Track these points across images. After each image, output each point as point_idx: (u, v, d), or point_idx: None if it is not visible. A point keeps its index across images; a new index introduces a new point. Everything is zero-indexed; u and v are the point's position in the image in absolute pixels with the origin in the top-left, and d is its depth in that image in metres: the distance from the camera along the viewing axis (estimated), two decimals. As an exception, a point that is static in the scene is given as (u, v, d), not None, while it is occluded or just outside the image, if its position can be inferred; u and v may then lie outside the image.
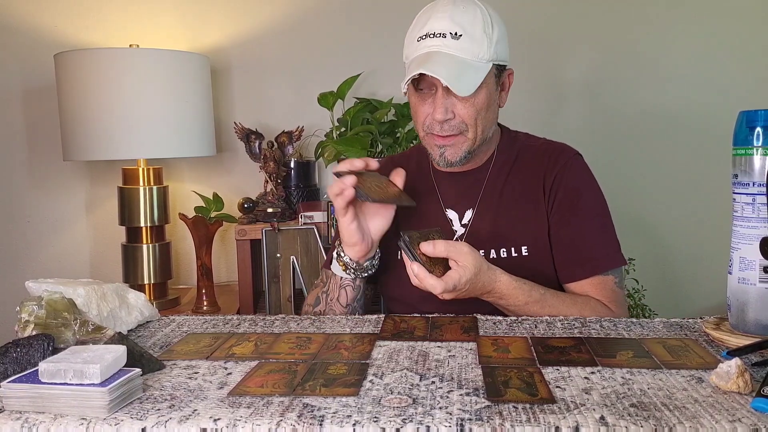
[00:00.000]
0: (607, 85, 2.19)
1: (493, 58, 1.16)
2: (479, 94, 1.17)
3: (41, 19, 2.14)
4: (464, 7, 1.16)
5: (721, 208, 1.46)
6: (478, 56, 1.14)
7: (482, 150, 1.27)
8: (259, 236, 1.81)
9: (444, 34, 1.13)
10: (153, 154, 1.82)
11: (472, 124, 1.19)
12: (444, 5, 1.16)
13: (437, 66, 1.12)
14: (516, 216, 1.25)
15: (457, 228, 1.28)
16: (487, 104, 1.19)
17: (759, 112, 0.88)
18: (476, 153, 1.24)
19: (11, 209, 2.21)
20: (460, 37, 1.13)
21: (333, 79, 1.99)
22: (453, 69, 1.12)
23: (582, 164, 1.28)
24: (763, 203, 0.88)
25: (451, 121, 1.18)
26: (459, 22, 1.14)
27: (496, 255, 1.23)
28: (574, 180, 1.25)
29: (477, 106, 1.17)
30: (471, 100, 1.16)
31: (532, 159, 1.28)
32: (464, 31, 1.13)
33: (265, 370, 0.86)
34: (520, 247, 1.23)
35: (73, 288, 0.99)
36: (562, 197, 1.23)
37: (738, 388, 0.75)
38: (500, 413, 0.70)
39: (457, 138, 1.20)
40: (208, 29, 2.17)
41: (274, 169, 1.94)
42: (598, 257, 1.21)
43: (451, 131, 1.19)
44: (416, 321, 1.08)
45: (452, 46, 1.13)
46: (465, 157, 1.22)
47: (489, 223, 1.26)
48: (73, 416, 0.71)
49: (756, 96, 2.16)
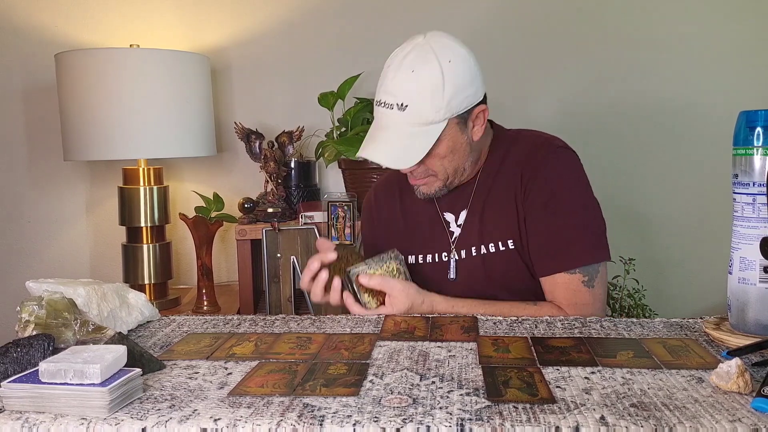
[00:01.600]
0: (607, 85, 2.18)
1: (447, 116, 1.17)
2: (438, 147, 1.19)
3: (41, 19, 2.14)
4: (416, 69, 1.16)
5: (722, 208, 1.46)
6: (427, 121, 1.17)
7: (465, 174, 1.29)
8: (260, 236, 1.81)
9: (391, 105, 1.17)
10: (153, 154, 1.82)
11: (439, 169, 1.23)
12: (396, 68, 1.18)
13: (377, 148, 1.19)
14: (501, 211, 1.26)
15: (454, 229, 1.31)
16: (450, 150, 1.21)
17: (759, 112, 0.88)
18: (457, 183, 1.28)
19: (11, 209, 2.21)
20: (405, 108, 1.16)
21: (333, 79, 1.99)
22: (395, 145, 1.18)
23: (564, 158, 1.26)
24: (764, 203, 0.88)
25: (416, 171, 1.23)
26: (405, 91, 1.16)
27: (486, 251, 1.26)
28: (551, 174, 1.23)
29: (439, 156, 1.21)
30: (432, 153, 1.19)
31: (517, 154, 1.28)
32: (410, 101, 1.15)
33: (266, 370, 0.86)
34: (507, 242, 1.24)
35: (73, 288, 0.99)
36: (537, 192, 1.23)
37: (738, 388, 0.75)
38: (500, 413, 0.70)
39: (427, 179, 1.25)
40: (208, 29, 2.16)
41: (274, 169, 1.94)
42: (564, 254, 1.20)
43: (420, 176, 1.25)
44: (416, 321, 1.09)
45: (397, 119, 1.17)
46: (440, 191, 1.27)
47: (478, 221, 1.28)
48: (73, 416, 0.72)
49: (756, 96, 2.15)
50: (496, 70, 2.15)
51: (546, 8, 2.16)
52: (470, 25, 2.14)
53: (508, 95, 2.16)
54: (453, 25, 2.13)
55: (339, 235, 1.80)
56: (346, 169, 1.97)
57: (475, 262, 1.27)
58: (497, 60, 2.14)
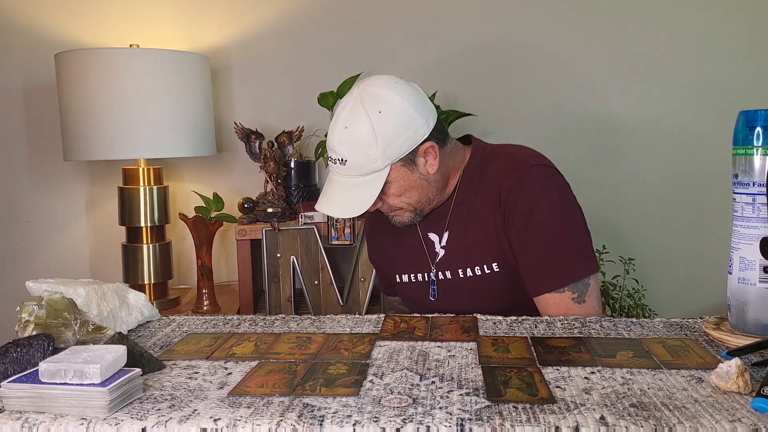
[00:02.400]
0: (606, 85, 2.18)
1: (388, 163, 1.20)
2: (390, 189, 1.23)
3: (41, 19, 2.14)
4: (349, 127, 1.19)
5: (721, 208, 1.46)
6: (367, 172, 1.21)
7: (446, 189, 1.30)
8: (260, 236, 1.81)
9: (335, 161, 1.23)
10: (153, 154, 1.82)
11: (402, 205, 1.27)
12: (333, 126, 1.22)
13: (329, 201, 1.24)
14: (483, 233, 1.26)
15: (438, 250, 1.32)
16: (404, 189, 1.24)
17: (759, 112, 0.88)
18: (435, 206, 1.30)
19: (11, 209, 2.21)
20: (345, 162, 1.21)
21: (333, 79, 1.99)
22: (344, 197, 1.23)
23: (536, 177, 1.24)
24: (763, 203, 0.88)
25: (382, 206, 1.27)
26: (343, 149, 1.21)
27: (472, 273, 1.26)
28: (526, 196, 1.22)
29: (394, 195, 1.24)
30: (387, 192, 1.23)
31: (493, 175, 1.27)
32: (348, 156, 1.20)
33: (266, 370, 0.86)
34: (491, 264, 1.25)
35: (73, 288, 0.99)
36: (516, 215, 1.22)
37: (738, 388, 0.75)
38: (500, 413, 0.70)
39: (396, 212, 1.29)
40: (208, 29, 2.16)
41: (274, 169, 1.94)
42: (550, 274, 1.20)
43: (387, 211, 1.29)
44: (416, 321, 1.09)
45: (341, 171, 1.23)
46: (414, 219, 1.29)
47: (461, 243, 1.28)
48: (73, 416, 0.72)
49: (756, 96, 2.15)
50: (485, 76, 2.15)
51: (535, 15, 2.16)
52: (468, 26, 2.14)
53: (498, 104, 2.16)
54: (452, 25, 2.14)
55: (339, 235, 1.80)
56: (346, 169, 1.97)
57: (459, 282, 1.28)
58: (489, 66, 2.14)
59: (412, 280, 1.35)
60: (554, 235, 1.21)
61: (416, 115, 1.20)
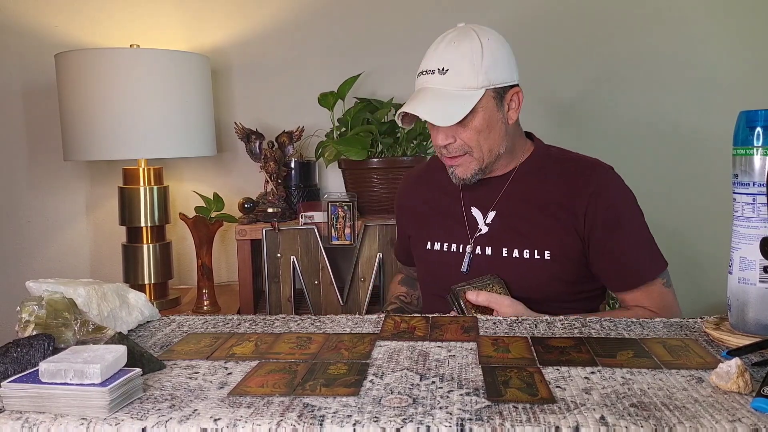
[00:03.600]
0: (607, 88, 2.18)
1: (485, 85, 1.24)
2: (475, 118, 1.25)
3: (41, 19, 2.14)
4: (457, 42, 1.25)
5: (721, 208, 1.47)
6: (465, 86, 1.24)
7: (500, 164, 1.34)
8: (260, 236, 1.82)
9: (432, 71, 1.25)
10: (153, 154, 1.82)
11: (475, 145, 1.28)
12: (438, 42, 1.28)
13: (419, 103, 1.25)
14: (540, 222, 1.30)
15: (481, 226, 1.34)
16: (487, 126, 1.27)
17: (759, 112, 0.88)
18: (491, 168, 1.32)
19: (11, 209, 2.21)
20: (446, 72, 1.24)
21: (333, 79, 1.99)
22: (434, 103, 1.24)
23: (616, 179, 1.33)
24: (764, 203, 0.88)
25: (452, 144, 1.28)
26: (447, 58, 1.24)
27: (519, 254, 1.29)
28: (612, 197, 1.30)
29: (475, 129, 1.26)
30: (469, 124, 1.26)
31: (561, 172, 1.33)
32: (450, 66, 1.24)
33: (266, 370, 0.86)
34: (543, 251, 1.28)
35: (73, 288, 0.99)
36: (604, 215, 1.27)
37: (738, 388, 0.75)
38: (500, 413, 0.70)
39: (463, 158, 1.30)
40: (208, 29, 2.17)
41: (274, 169, 1.94)
42: (643, 268, 1.28)
43: (456, 153, 1.29)
44: (416, 321, 1.09)
45: (438, 82, 1.25)
46: (475, 174, 1.31)
47: (511, 225, 1.32)
48: (73, 416, 0.72)
49: (756, 96, 2.16)
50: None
51: (548, 13, 2.16)
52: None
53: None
54: (451, 25, 2.13)
55: (339, 235, 1.80)
56: (346, 169, 1.97)
57: (498, 261, 1.30)
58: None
59: (445, 249, 1.37)
60: (640, 233, 1.31)
61: (514, 61, 1.30)
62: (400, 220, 1.55)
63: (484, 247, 1.32)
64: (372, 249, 1.82)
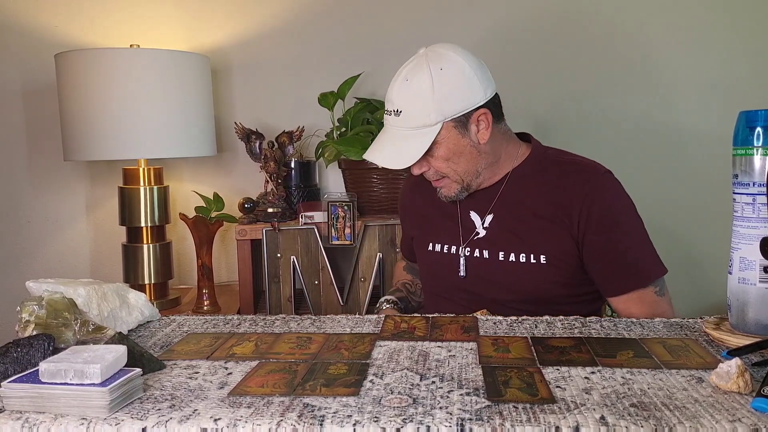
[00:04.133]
0: (604, 88, 2.18)
1: (439, 119, 1.24)
2: (439, 149, 1.26)
3: (41, 19, 2.14)
4: (410, 78, 1.25)
5: (722, 208, 1.46)
6: (419, 125, 1.25)
7: (487, 176, 1.33)
8: (260, 236, 1.82)
9: (390, 112, 1.29)
10: (153, 154, 1.82)
11: (448, 171, 1.29)
12: (394, 80, 1.29)
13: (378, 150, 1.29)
14: (537, 226, 1.29)
15: (479, 230, 1.35)
16: (453, 154, 1.27)
17: (759, 112, 0.88)
18: (477, 183, 1.32)
19: (11, 209, 2.21)
20: (400, 114, 1.26)
21: (333, 79, 1.99)
22: (393, 146, 1.27)
23: (613, 182, 1.32)
24: (763, 203, 0.88)
25: (428, 173, 1.31)
26: (399, 100, 1.26)
27: (515, 258, 1.29)
28: (608, 199, 1.29)
29: (442, 158, 1.27)
30: (435, 155, 1.27)
31: (558, 175, 1.32)
32: (403, 107, 1.26)
33: (266, 370, 0.86)
34: (539, 256, 1.28)
35: (73, 288, 0.99)
36: (599, 217, 1.26)
37: (738, 388, 0.75)
38: (500, 413, 0.70)
39: (443, 181, 1.32)
40: (208, 29, 2.16)
41: (274, 169, 1.94)
42: (636, 274, 1.27)
43: (434, 178, 1.32)
44: (416, 321, 1.09)
45: (395, 122, 1.27)
46: (460, 192, 1.32)
47: (509, 229, 1.32)
48: (73, 416, 0.72)
49: (756, 96, 2.15)
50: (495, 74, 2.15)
51: (544, 15, 2.16)
52: (469, 27, 2.14)
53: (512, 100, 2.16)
54: (452, 26, 2.14)
55: (339, 235, 1.80)
56: (346, 169, 1.97)
57: (496, 264, 1.30)
58: (497, 63, 2.14)
59: (445, 251, 1.37)
60: (636, 238, 1.29)
61: (475, 80, 1.26)
62: (405, 220, 1.56)
63: (482, 251, 1.32)
64: (372, 249, 1.82)
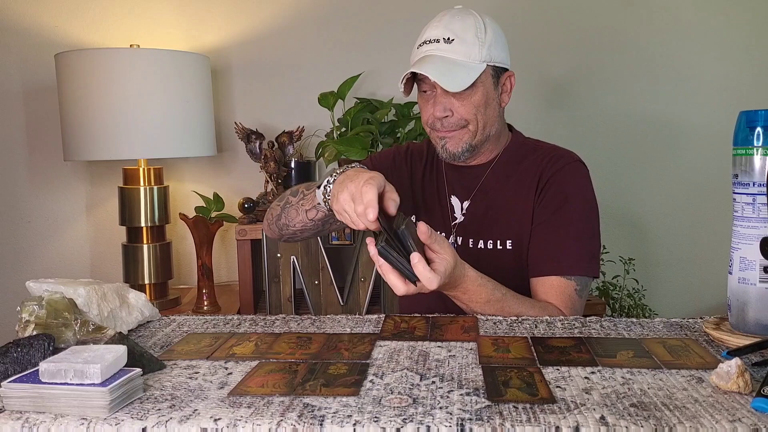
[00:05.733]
0: (606, 86, 2.19)
1: (487, 59, 1.24)
2: (475, 92, 1.24)
3: (41, 19, 2.14)
4: (459, 16, 1.25)
5: (722, 208, 1.47)
6: (470, 57, 1.22)
7: (487, 148, 1.33)
8: (260, 236, 1.82)
9: (438, 40, 1.23)
10: (153, 154, 1.82)
11: (472, 119, 1.26)
12: (441, 16, 1.27)
13: (428, 66, 1.21)
14: (507, 211, 1.30)
15: (458, 215, 1.34)
16: (484, 102, 1.26)
17: (759, 112, 0.88)
18: (479, 149, 1.31)
19: (11, 209, 2.21)
20: (452, 41, 1.22)
21: (333, 79, 1.99)
22: (443, 68, 1.21)
23: (579, 170, 1.30)
24: (764, 203, 0.88)
25: (450, 118, 1.26)
26: (451, 29, 1.23)
27: (483, 245, 1.29)
28: (565, 183, 1.28)
29: (474, 103, 1.25)
30: (468, 98, 1.24)
31: (534, 162, 1.32)
32: (456, 36, 1.23)
33: (266, 369, 0.86)
34: (505, 241, 1.28)
35: (73, 288, 0.99)
36: (550, 197, 1.27)
37: (738, 388, 0.75)
38: (500, 413, 0.70)
39: (457, 132, 1.27)
40: (208, 29, 2.17)
41: (274, 169, 1.94)
42: (564, 259, 1.24)
43: (451, 127, 1.27)
44: (416, 321, 1.09)
45: (444, 49, 1.23)
46: (466, 150, 1.28)
47: (482, 215, 1.31)
48: (73, 416, 0.72)
49: (756, 96, 2.16)
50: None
51: (545, 15, 2.16)
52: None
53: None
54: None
55: (339, 235, 1.80)
56: (346, 169, 1.97)
57: (474, 252, 1.30)
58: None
59: None
60: (578, 229, 1.26)
61: (507, 46, 1.28)
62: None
63: (457, 237, 1.32)
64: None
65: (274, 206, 1.34)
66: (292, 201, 1.28)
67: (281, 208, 1.30)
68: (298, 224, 1.27)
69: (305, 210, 1.24)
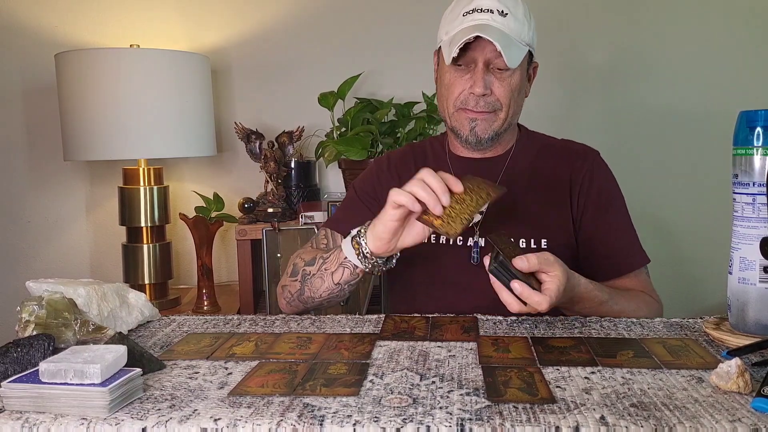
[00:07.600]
0: (607, 86, 2.18)
1: (530, 43, 1.21)
2: (515, 75, 1.21)
3: (41, 19, 2.14)
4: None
5: (722, 208, 1.46)
6: (519, 36, 1.18)
7: (504, 138, 1.29)
8: (260, 236, 1.82)
9: (492, 10, 1.17)
10: (153, 154, 1.82)
11: (506, 103, 1.22)
12: None
13: (494, 34, 1.14)
14: (537, 210, 1.26)
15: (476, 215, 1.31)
16: (519, 87, 1.23)
17: (759, 112, 0.88)
18: (500, 139, 1.27)
19: (11, 209, 2.21)
20: (506, 15, 1.17)
21: (333, 79, 1.99)
22: (503, 41, 1.15)
23: (604, 163, 1.32)
24: (763, 203, 0.88)
25: (487, 97, 1.21)
26: (504, 2, 1.18)
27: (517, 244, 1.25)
28: (604, 179, 1.29)
29: (512, 86, 1.21)
30: (508, 80, 1.20)
31: (554, 157, 1.30)
32: (509, 10, 1.18)
33: (266, 369, 0.86)
34: (540, 240, 1.23)
35: (73, 288, 0.99)
36: (596, 197, 1.26)
37: (738, 388, 0.75)
38: (500, 413, 0.70)
39: (489, 115, 1.22)
40: (208, 29, 2.17)
41: (274, 169, 1.94)
42: (633, 255, 1.27)
43: (485, 108, 1.21)
44: (416, 321, 1.09)
45: (500, 22, 1.17)
46: (493, 137, 1.24)
47: (508, 213, 1.25)
48: (73, 416, 0.72)
49: (756, 96, 2.16)
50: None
51: (550, 10, 2.16)
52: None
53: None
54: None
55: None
56: (346, 169, 1.97)
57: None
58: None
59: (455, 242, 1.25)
60: (628, 221, 1.30)
61: None
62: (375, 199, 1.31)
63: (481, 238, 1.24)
64: (372, 249, 1.82)
65: (289, 283, 1.25)
66: (312, 271, 1.20)
67: (300, 283, 1.22)
68: (325, 292, 1.18)
69: (330, 273, 1.16)
